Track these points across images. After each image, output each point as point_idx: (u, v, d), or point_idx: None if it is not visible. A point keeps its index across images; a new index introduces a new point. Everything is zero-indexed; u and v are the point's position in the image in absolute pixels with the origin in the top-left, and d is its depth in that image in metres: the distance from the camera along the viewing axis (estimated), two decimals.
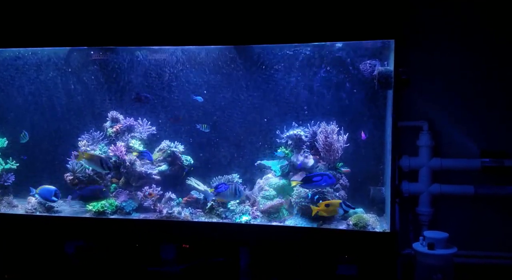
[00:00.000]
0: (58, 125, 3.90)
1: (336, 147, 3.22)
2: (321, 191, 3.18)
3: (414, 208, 3.44)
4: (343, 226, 3.13)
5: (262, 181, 3.48)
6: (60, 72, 3.82)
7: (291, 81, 3.55)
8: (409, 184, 3.41)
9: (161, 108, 3.79)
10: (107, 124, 3.79)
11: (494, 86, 3.31)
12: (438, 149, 3.41)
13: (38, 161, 3.88)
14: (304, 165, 3.32)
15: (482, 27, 3.28)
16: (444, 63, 3.37)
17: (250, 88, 3.64)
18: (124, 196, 3.56)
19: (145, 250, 3.45)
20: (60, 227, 3.46)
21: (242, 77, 3.62)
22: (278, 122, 3.57)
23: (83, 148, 3.65)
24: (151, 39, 3.31)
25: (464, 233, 3.36)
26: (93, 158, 3.37)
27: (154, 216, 3.40)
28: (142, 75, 3.77)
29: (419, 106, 3.43)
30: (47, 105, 3.90)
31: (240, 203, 3.42)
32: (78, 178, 3.57)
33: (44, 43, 3.43)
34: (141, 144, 3.69)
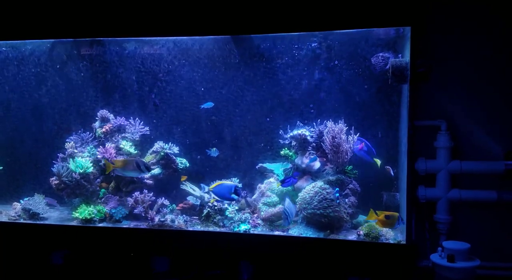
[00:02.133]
0: (42, 125, 3.64)
1: (345, 148, 2.92)
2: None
3: (432, 216, 3.14)
4: (353, 237, 2.83)
5: (263, 186, 3.19)
6: (44, 67, 3.55)
7: (296, 76, 3.27)
8: (426, 189, 3.13)
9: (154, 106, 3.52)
10: (96, 124, 3.52)
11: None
12: (457, 151, 3.12)
13: (21, 164, 3.62)
14: (309, 168, 3.02)
15: None
16: (465, 57, 3.07)
17: (251, 84, 3.35)
18: (113, 202, 3.28)
19: (136, 261, 3.18)
20: (46, 235, 3.21)
21: (242, 72, 3.34)
22: (282, 121, 3.28)
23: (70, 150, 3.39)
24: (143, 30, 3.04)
25: (486, 243, 3.05)
26: (127, 164, 3.01)
27: (146, 224, 3.12)
28: (134, 70, 3.50)
29: (437, 104, 3.14)
30: (30, 104, 3.64)
31: (239, 210, 3.13)
32: (64, 183, 3.30)
33: (27, 36, 3.17)
34: (132, 145, 3.41)
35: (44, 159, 3.53)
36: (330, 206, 2.84)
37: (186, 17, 2.87)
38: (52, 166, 3.32)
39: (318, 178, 3.02)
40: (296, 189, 3.08)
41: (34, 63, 3.55)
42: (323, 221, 2.85)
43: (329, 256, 2.83)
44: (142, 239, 3.09)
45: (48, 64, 3.55)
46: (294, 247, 2.87)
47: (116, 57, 3.46)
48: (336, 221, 2.89)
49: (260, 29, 2.85)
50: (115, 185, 3.37)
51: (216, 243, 2.96)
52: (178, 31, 2.98)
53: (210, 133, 3.45)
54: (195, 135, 3.46)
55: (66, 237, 3.18)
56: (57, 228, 3.18)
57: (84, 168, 3.27)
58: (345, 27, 2.77)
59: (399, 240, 2.70)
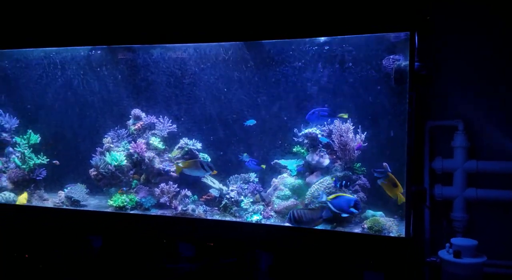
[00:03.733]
0: (84, 123, 4.07)
1: (352, 146, 3.07)
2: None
3: (448, 214, 3.22)
4: (358, 230, 2.98)
5: (277, 181, 3.41)
6: (85, 71, 3.99)
7: (310, 77, 3.45)
8: (442, 187, 3.21)
9: (182, 105, 3.83)
10: (130, 121, 3.89)
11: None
12: (474, 151, 3.18)
13: (66, 157, 4.06)
14: (319, 165, 3.20)
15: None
16: (481, 57, 3.11)
17: (268, 86, 3.58)
18: (144, 192, 3.64)
19: (163, 246, 3.49)
20: (85, 220, 3.59)
21: (258, 74, 3.58)
22: (296, 120, 3.48)
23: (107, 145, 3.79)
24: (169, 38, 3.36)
25: (502, 241, 3.10)
26: (191, 165, 3.38)
27: (170, 212, 3.44)
28: (165, 74, 3.83)
29: (454, 104, 3.21)
30: (74, 104, 4.09)
31: (254, 203, 3.37)
32: (101, 174, 3.70)
33: (66, 43, 3.62)
34: (160, 141, 3.75)
35: (85, 152, 3.94)
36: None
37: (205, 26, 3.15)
38: (91, 159, 3.73)
39: (327, 174, 3.19)
40: (308, 184, 3.26)
41: (77, 67, 4.00)
42: None
43: (338, 247, 2.97)
44: (167, 226, 3.41)
45: (88, 68, 3.98)
46: (304, 238, 3.05)
47: (146, 62, 3.82)
48: None
49: (272, 35, 3.07)
50: (145, 177, 3.73)
51: (231, 231, 3.21)
52: (199, 38, 3.28)
53: (230, 131, 3.71)
54: (217, 132, 3.74)
55: (102, 222, 3.56)
56: (95, 214, 3.57)
57: (118, 161, 3.66)
58: (347, 32, 2.93)
59: (399, 234, 2.82)
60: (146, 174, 3.71)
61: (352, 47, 3.31)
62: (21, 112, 4.15)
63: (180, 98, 3.83)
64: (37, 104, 4.17)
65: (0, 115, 4.09)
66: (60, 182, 3.95)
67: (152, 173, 3.66)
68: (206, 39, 3.39)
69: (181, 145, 3.74)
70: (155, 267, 3.49)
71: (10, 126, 4.09)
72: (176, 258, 3.48)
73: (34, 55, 4.02)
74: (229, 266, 3.36)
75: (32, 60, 4.04)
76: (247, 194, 3.40)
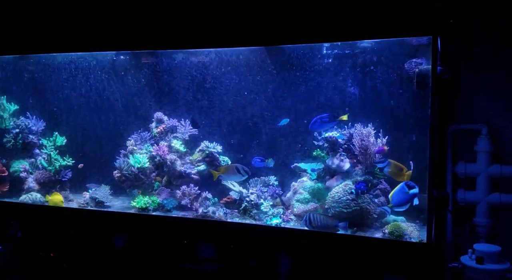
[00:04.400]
0: (108, 125, 4.18)
1: (373, 150, 3.06)
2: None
3: (471, 219, 3.18)
4: (379, 235, 2.97)
5: (296, 184, 3.42)
6: (109, 75, 4.08)
7: (331, 81, 3.46)
8: (465, 192, 3.18)
9: (203, 109, 3.89)
10: (153, 124, 3.97)
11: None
12: (498, 155, 3.14)
13: (91, 159, 4.18)
14: (339, 169, 3.20)
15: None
16: (505, 61, 3.07)
17: (289, 89, 3.60)
18: (165, 194, 3.70)
19: (183, 246, 3.55)
20: (108, 221, 3.68)
21: (283, 79, 3.60)
22: None
23: (130, 147, 3.88)
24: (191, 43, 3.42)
25: None
26: (229, 170, 3.42)
27: (191, 214, 3.49)
28: (187, 78, 3.90)
29: (477, 108, 3.17)
30: (99, 107, 4.19)
31: (274, 206, 3.40)
32: (125, 176, 3.78)
33: (91, 48, 3.73)
34: (182, 144, 3.81)
35: (109, 155, 4.04)
36: (356, 206, 3.00)
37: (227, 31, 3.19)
38: (115, 161, 3.82)
39: (347, 178, 3.19)
40: (328, 188, 3.27)
41: (101, 71, 4.10)
42: (350, 219, 3.02)
43: (361, 252, 2.97)
44: (188, 227, 3.46)
45: (112, 73, 4.08)
46: (324, 242, 3.06)
47: (169, 66, 3.89)
48: (364, 220, 3.04)
49: (293, 40, 3.09)
50: (167, 179, 3.80)
51: (252, 234, 3.25)
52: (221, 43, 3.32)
53: (250, 134, 3.74)
54: (237, 135, 3.78)
55: (125, 223, 3.64)
56: (118, 215, 3.65)
57: (141, 163, 3.74)
58: (369, 37, 2.93)
59: (421, 239, 2.80)
60: (168, 176, 3.78)
61: (372, 51, 3.30)
62: (48, 115, 4.29)
63: (201, 102, 3.88)
64: (63, 107, 4.30)
65: (27, 118, 4.22)
66: (85, 184, 4.06)
67: (173, 175, 3.72)
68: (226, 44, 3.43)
69: (202, 148, 3.79)
70: (175, 267, 3.54)
71: (37, 129, 4.22)
72: (196, 259, 3.53)
73: (60, 60, 4.15)
74: (248, 268, 3.39)
75: (58, 64, 4.17)
76: (267, 197, 3.43)
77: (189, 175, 3.69)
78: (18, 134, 4.13)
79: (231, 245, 3.44)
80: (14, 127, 4.17)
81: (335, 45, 3.33)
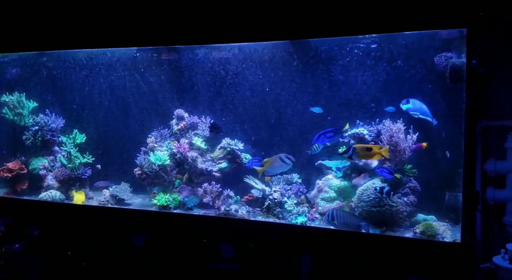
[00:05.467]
0: (129, 123, 4.14)
1: (403, 147, 2.97)
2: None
3: (500, 218, 3.07)
4: (409, 234, 2.88)
5: (321, 182, 3.34)
6: (130, 72, 4.04)
7: (356, 76, 3.37)
8: (495, 190, 3.05)
9: (225, 105, 3.82)
10: (173, 121, 3.92)
11: None
12: None
13: (111, 156, 4.14)
14: (366, 166, 3.12)
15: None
16: None
17: (312, 85, 3.52)
18: (186, 191, 3.65)
19: (204, 245, 3.49)
20: (129, 218, 3.64)
21: (302, 73, 3.52)
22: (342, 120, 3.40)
23: (150, 144, 3.83)
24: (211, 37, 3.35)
25: None
26: (274, 162, 3.22)
27: (213, 212, 3.43)
28: (208, 74, 3.84)
29: (508, 104, 3.05)
30: (119, 104, 4.16)
31: (298, 204, 3.32)
32: (145, 173, 3.74)
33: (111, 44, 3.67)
34: (203, 141, 3.76)
35: (129, 152, 4.00)
36: (385, 204, 2.91)
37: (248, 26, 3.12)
38: (136, 158, 3.78)
39: (375, 177, 3.10)
40: (354, 186, 3.18)
41: (122, 68, 4.06)
42: (378, 218, 2.93)
43: (386, 252, 2.88)
44: (210, 226, 3.40)
45: (133, 69, 4.04)
46: (351, 242, 2.97)
47: (190, 62, 3.83)
48: (392, 219, 2.95)
49: (318, 33, 3.00)
50: (188, 177, 3.74)
51: (275, 233, 3.17)
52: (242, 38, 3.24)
53: (272, 131, 3.67)
54: (259, 132, 3.71)
55: (146, 221, 3.59)
56: (138, 212, 3.61)
57: (162, 161, 3.69)
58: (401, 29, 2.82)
59: (455, 239, 2.70)
60: (189, 174, 3.72)
61: (401, 44, 3.20)
62: (67, 112, 4.27)
63: (222, 98, 3.82)
64: (83, 104, 4.27)
65: (46, 115, 4.20)
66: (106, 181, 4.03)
67: (195, 172, 3.67)
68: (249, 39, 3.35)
69: (223, 145, 3.73)
70: (195, 267, 3.49)
71: (56, 126, 4.20)
72: (217, 258, 3.47)
73: (80, 56, 4.12)
74: (270, 268, 3.32)
75: (78, 61, 4.14)
76: (291, 195, 3.35)
77: (210, 173, 3.63)
78: (38, 132, 4.11)
79: (251, 244, 3.37)
80: (33, 124, 4.15)
81: (363, 38, 3.25)
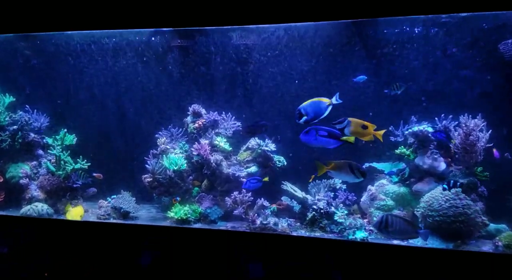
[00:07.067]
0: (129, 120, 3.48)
1: (479, 147, 2.56)
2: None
3: None
4: (487, 248, 2.47)
5: (374, 188, 2.87)
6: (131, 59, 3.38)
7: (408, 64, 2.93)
8: None
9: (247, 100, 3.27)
10: (188, 119, 3.32)
11: None
12: None
13: (111, 160, 3.46)
14: (433, 169, 2.68)
15: None
16: None
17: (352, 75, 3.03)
18: (208, 201, 3.08)
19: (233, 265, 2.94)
20: (138, 235, 3.01)
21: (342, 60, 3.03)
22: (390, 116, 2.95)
23: (162, 146, 3.20)
24: None
25: None
26: (341, 167, 2.55)
27: (245, 226, 2.88)
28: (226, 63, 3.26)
29: None
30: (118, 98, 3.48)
31: (348, 214, 2.83)
32: (158, 180, 3.12)
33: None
34: (226, 142, 3.19)
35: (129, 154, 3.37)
36: (463, 214, 2.48)
37: None
38: (146, 163, 3.14)
39: (443, 181, 2.67)
40: (415, 193, 2.74)
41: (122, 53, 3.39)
42: (452, 229, 2.51)
43: (459, 270, 2.47)
44: (240, 242, 2.85)
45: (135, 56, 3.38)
46: (418, 259, 2.53)
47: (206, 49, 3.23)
48: (468, 230, 2.53)
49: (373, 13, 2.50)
50: (208, 183, 3.16)
51: (323, 250, 2.67)
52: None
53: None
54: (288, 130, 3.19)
55: (159, 238, 2.98)
56: (152, 229, 2.99)
57: (178, 165, 3.08)
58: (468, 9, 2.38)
59: None
60: (210, 180, 3.14)
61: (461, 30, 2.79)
62: (53, 108, 3.53)
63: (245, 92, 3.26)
64: (72, 98, 3.55)
65: (27, 111, 3.47)
66: (101, 190, 3.37)
67: (219, 178, 3.09)
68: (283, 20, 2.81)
69: (251, 146, 3.18)
70: None
71: (40, 125, 3.47)
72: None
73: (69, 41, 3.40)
74: None
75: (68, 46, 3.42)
76: (338, 204, 2.86)
77: (238, 179, 3.07)
78: (17, 132, 3.37)
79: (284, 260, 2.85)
80: (10, 123, 3.39)
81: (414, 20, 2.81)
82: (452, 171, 2.67)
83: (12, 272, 3.20)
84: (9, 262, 3.22)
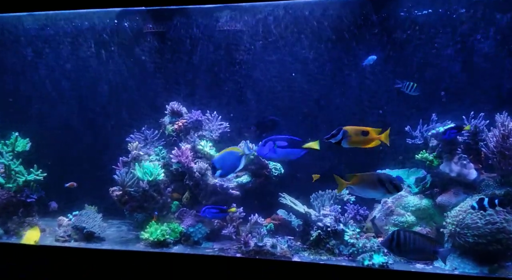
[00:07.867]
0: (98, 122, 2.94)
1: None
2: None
3: None
4: None
5: (390, 201, 2.42)
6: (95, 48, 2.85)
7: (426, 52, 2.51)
8: None
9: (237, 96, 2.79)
10: (166, 119, 2.80)
11: None
12: None
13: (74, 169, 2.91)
14: (462, 178, 2.24)
15: None
16: None
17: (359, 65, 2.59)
18: (191, 218, 2.58)
19: None
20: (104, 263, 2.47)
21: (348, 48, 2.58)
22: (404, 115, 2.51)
23: (134, 152, 2.66)
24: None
25: None
26: (366, 180, 1.98)
27: (235, 247, 2.39)
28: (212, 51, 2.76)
29: None
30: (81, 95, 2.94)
31: (359, 233, 2.37)
32: (129, 194, 2.58)
33: None
34: (212, 146, 2.68)
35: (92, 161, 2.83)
36: (501, 232, 2.05)
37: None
38: (114, 173, 2.60)
39: (474, 192, 2.23)
40: (440, 206, 2.30)
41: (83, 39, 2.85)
42: (489, 251, 2.07)
43: None
44: (230, 270, 2.35)
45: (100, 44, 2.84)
46: None
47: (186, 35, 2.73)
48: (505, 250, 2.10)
49: None
50: (190, 196, 2.66)
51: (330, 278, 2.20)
52: None
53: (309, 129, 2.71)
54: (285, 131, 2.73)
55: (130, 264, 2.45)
56: (119, 254, 2.45)
57: (154, 175, 2.55)
58: None
59: None
60: (193, 192, 2.63)
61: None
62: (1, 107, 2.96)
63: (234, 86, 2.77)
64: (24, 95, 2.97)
65: None
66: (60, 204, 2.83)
67: (204, 190, 2.58)
68: None
69: None
70: None
71: None
72: None
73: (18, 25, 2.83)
74: None
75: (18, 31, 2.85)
76: (348, 220, 2.39)
77: (226, 190, 2.57)
78: None
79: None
80: None
81: None
82: (483, 180, 2.23)
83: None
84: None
